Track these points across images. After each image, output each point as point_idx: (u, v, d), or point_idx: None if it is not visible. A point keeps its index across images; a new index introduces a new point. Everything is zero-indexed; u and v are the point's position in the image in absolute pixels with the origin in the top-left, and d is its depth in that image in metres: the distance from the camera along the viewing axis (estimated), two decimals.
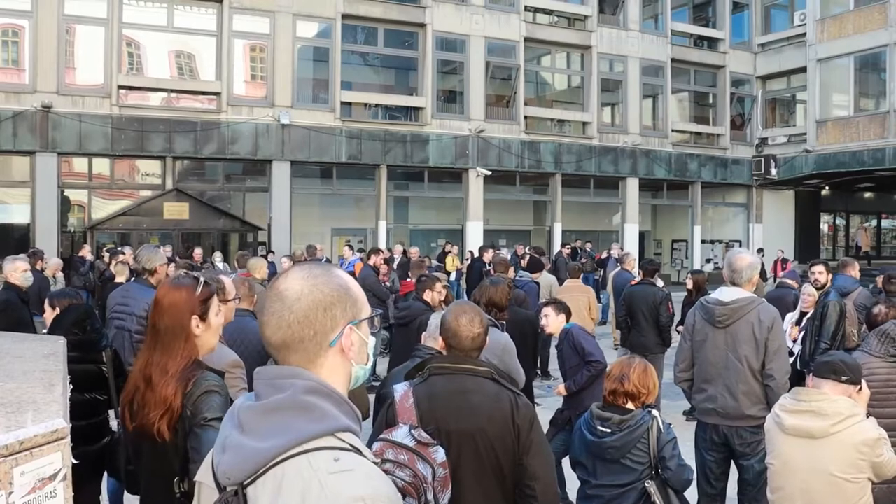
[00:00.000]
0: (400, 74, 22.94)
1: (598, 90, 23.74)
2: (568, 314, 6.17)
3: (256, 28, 19.46)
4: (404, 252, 16.51)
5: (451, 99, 22.38)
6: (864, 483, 3.47)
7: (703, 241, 26.22)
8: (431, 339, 3.99)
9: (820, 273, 8.19)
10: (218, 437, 1.58)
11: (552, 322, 6.00)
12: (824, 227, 31.52)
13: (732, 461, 5.00)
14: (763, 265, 11.80)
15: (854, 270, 8.97)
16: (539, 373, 10.36)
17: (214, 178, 20.14)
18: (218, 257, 15.53)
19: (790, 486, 3.60)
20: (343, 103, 20.32)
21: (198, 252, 15.47)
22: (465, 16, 21.65)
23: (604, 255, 20.16)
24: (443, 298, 6.89)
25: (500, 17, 22.09)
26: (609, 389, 3.96)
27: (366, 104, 21.27)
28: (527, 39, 22.58)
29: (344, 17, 20.20)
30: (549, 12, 23.55)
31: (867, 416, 3.56)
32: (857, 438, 3.43)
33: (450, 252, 18.75)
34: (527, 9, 22.69)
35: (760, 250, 21.83)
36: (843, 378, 3.59)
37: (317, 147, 19.73)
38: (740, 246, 26.00)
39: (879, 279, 7.96)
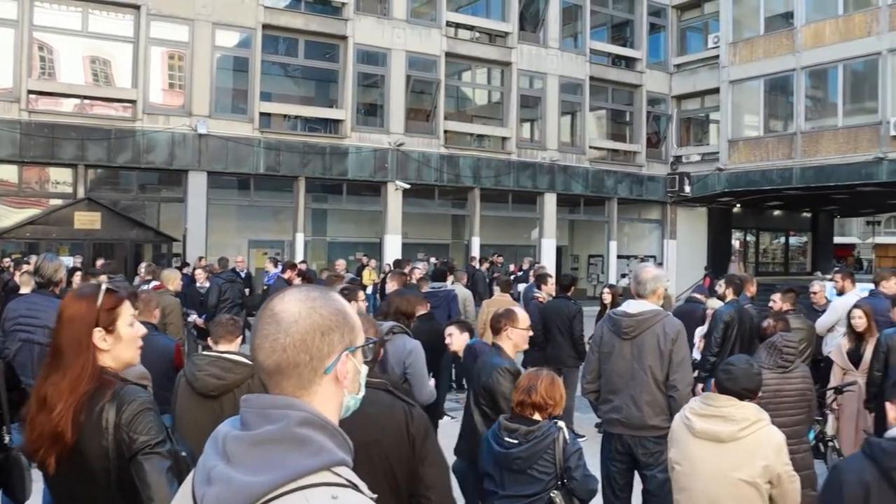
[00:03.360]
0: (320, 86, 23.73)
1: (517, 106, 25.00)
2: (471, 332, 6.37)
3: (174, 35, 19.98)
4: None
5: (371, 112, 23.32)
6: (766, 488, 3.68)
7: (619, 257, 27.63)
8: None
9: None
10: (199, 465, 1.53)
11: (456, 341, 6.14)
12: (736, 244, 33.44)
13: (636, 471, 5.28)
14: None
15: (749, 288, 9.97)
16: (454, 385, 10.94)
17: (128, 188, 20.56)
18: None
19: (696, 488, 3.80)
20: (262, 114, 21.03)
21: (99, 263, 15.36)
22: (387, 29, 22.55)
23: (521, 270, 21.08)
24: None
25: (422, 31, 23.06)
26: (517, 401, 4.12)
27: (285, 115, 22.04)
28: (448, 54, 23.61)
29: (265, 27, 20.87)
30: (471, 28, 24.71)
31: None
32: (762, 443, 3.68)
33: (367, 265, 19.47)
34: (448, 24, 23.79)
35: (660, 265, 23.37)
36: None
37: (234, 158, 20.32)
38: (655, 261, 27.58)
39: (776, 296, 8.52)
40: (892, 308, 7.21)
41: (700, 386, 7.03)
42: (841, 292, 9.19)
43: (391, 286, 9.43)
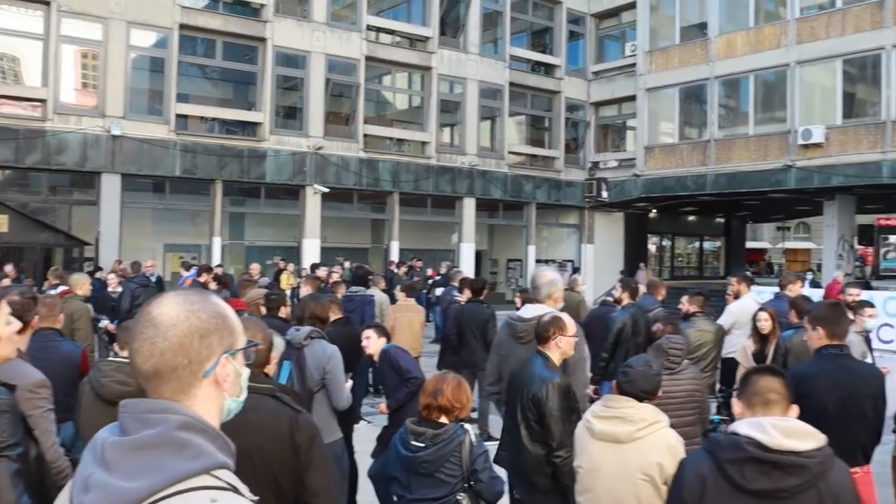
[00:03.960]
0: (238, 88, 23.70)
1: (437, 111, 25.40)
2: (388, 337, 6.42)
3: (87, 34, 19.75)
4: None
5: (290, 115, 23.41)
6: (664, 489, 3.67)
7: (537, 261, 28.09)
8: None
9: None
10: (77, 473, 1.51)
11: (373, 344, 6.20)
12: (652, 248, 34.45)
13: None
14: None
15: (660, 292, 10.41)
16: (371, 390, 11.03)
17: (38, 190, 20.23)
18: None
19: (597, 488, 3.88)
20: (178, 116, 20.93)
21: (8, 268, 14.96)
22: (307, 32, 22.64)
23: (439, 274, 21.39)
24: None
25: (342, 34, 23.22)
26: (424, 404, 4.18)
27: (202, 117, 21.94)
28: (368, 58, 23.84)
29: (182, 27, 20.78)
30: (391, 32, 25.01)
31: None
32: (659, 443, 3.76)
33: (284, 269, 19.50)
34: (369, 28, 24.04)
35: (577, 269, 23.99)
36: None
37: (150, 160, 20.19)
38: (573, 266, 28.25)
39: (684, 299, 8.60)
40: (790, 310, 7.48)
41: (592, 388, 7.19)
42: (737, 295, 9.45)
43: (305, 290, 9.37)
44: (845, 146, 22.48)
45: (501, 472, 4.39)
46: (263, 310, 7.52)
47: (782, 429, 2.65)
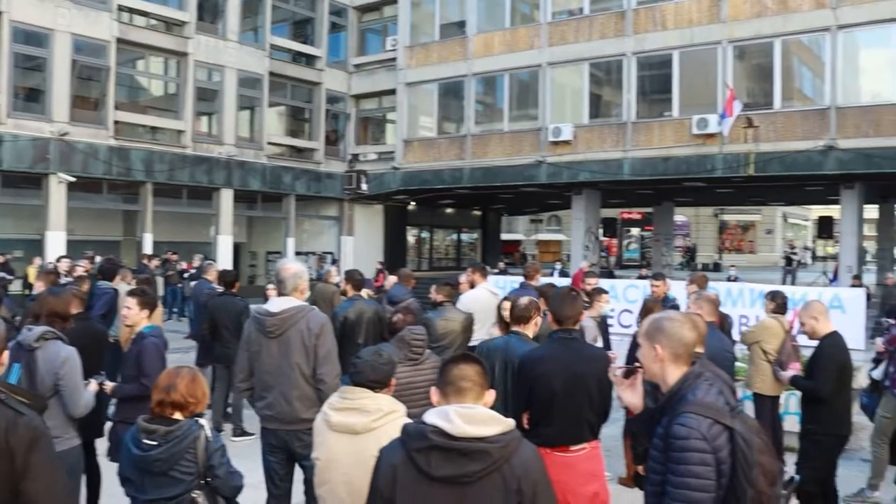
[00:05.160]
0: None
1: (193, 98, 25.08)
2: (151, 310, 6.10)
3: None
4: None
5: (31, 97, 22.27)
6: None
7: (297, 253, 28.40)
8: None
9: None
10: None
11: (133, 316, 5.93)
12: (411, 240, 35.59)
13: (296, 463, 5.49)
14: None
15: (410, 283, 10.90)
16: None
17: None
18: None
19: (335, 480, 3.90)
20: None
21: None
22: (49, 8, 21.61)
23: (193, 267, 21.19)
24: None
25: (90, 14, 22.37)
26: (156, 401, 4.04)
27: None
28: (119, 41, 23.08)
29: None
30: (145, 14, 24.27)
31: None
32: (395, 433, 3.55)
33: (31, 264, 18.60)
34: (120, 8, 23.30)
35: (336, 261, 24.57)
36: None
37: None
38: (332, 258, 28.73)
39: (433, 289, 8.76)
40: (539, 298, 7.66)
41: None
42: (472, 285, 9.61)
43: (39, 286, 8.90)
44: (591, 144, 24.52)
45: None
46: None
47: (466, 416, 2.74)
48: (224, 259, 24.25)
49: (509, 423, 2.79)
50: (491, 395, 2.94)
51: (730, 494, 2.91)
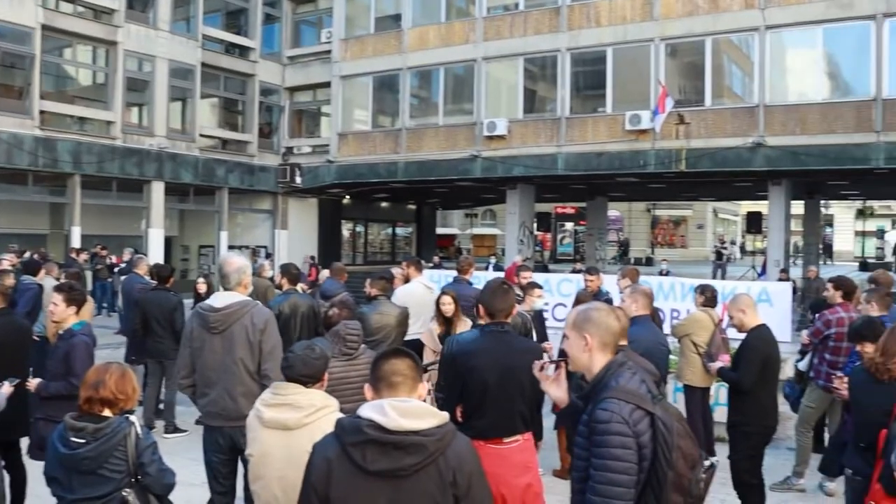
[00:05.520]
0: None
1: (123, 89, 24.62)
2: (79, 307, 5.97)
3: None
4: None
5: None
6: None
7: (230, 247, 28.06)
8: None
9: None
10: None
11: (59, 313, 5.83)
12: (346, 234, 35.54)
13: (239, 459, 5.40)
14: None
15: (343, 277, 10.85)
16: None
17: None
18: None
19: (268, 476, 3.88)
20: None
21: None
22: None
23: (123, 262, 20.83)
24: None
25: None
26: (84, 398, 3.98)
27: None
28: (45, 27, 22.52)
29: None
30: (72, 1, 23.66)
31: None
32: (328, 428, 3.52)
33: None
34: None
35: (270, 255, 24.39)
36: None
37: None
38: (266, 251, 28.51)
39: (367, 282, 8.73)
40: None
41: None
42: (407, 279, 9.72)
43: None
44: (525, 139, 24.76)
45: None
46: None
47: (401, 409, 2.74)
48: (155, 253, 23.85)
49: (443, 415, 2.81)
50: (423, 389, 2.94)
51: (651, 477, 3.00)
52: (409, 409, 2.75)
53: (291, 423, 3.81)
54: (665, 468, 2.99)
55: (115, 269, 21.50)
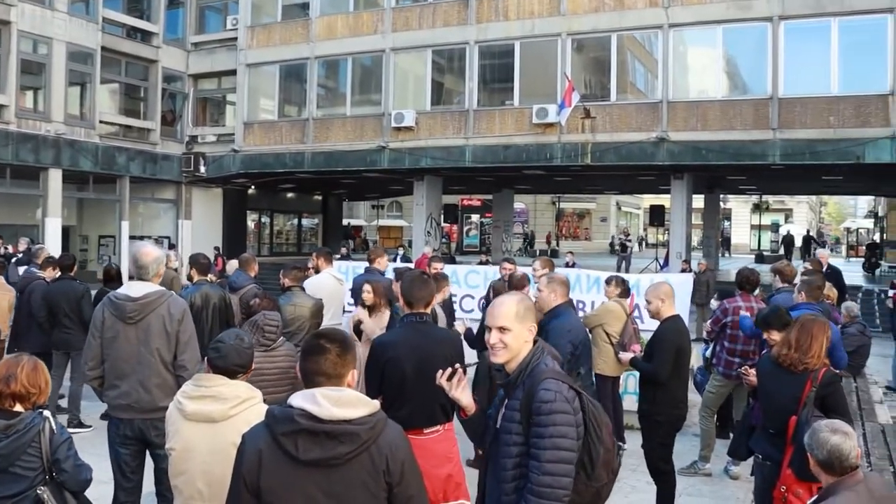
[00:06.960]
0: None
1: (17, 71, 23.73)
2: None
3: None
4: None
5: None
6: None
7: (131, 237, 27.31)
8: None
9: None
10: None
11: None
12: (251, 225, 35.18)
13: (148, 453, 5.37)
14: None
15: (253, 269, 10.82)
16: None
17: None
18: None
19: (192, 470, 3.78)
20: None
21: None
22: None
23: (20, 252, 20.20)
24: None
25: None
26: None
27: None
28: None
29: None
30: None
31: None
32: (254, 419, 3.49)
33: None
34: None
35: (173, 245, 24.04)
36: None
37: None
38: (169, 242, 28.02)
39: (281, 273, 8.61)
40: (395, 282, 7.72)
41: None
42: (317, 270, 9.61)
43: None
44: (433, 131, 24.93)
45: None
46: None
47: (333, 399, 2.72)
48: (53, 243, 23.10)
49: (375, 404, 2.80)
50: (354, 377, 2.92)
51: (583, 454, 3.16)
52: (342, 398, 2.75)
53: (216, 416, 3.72)
54: (598, 444, 3.16)
55: (13, 260, 20.83)
